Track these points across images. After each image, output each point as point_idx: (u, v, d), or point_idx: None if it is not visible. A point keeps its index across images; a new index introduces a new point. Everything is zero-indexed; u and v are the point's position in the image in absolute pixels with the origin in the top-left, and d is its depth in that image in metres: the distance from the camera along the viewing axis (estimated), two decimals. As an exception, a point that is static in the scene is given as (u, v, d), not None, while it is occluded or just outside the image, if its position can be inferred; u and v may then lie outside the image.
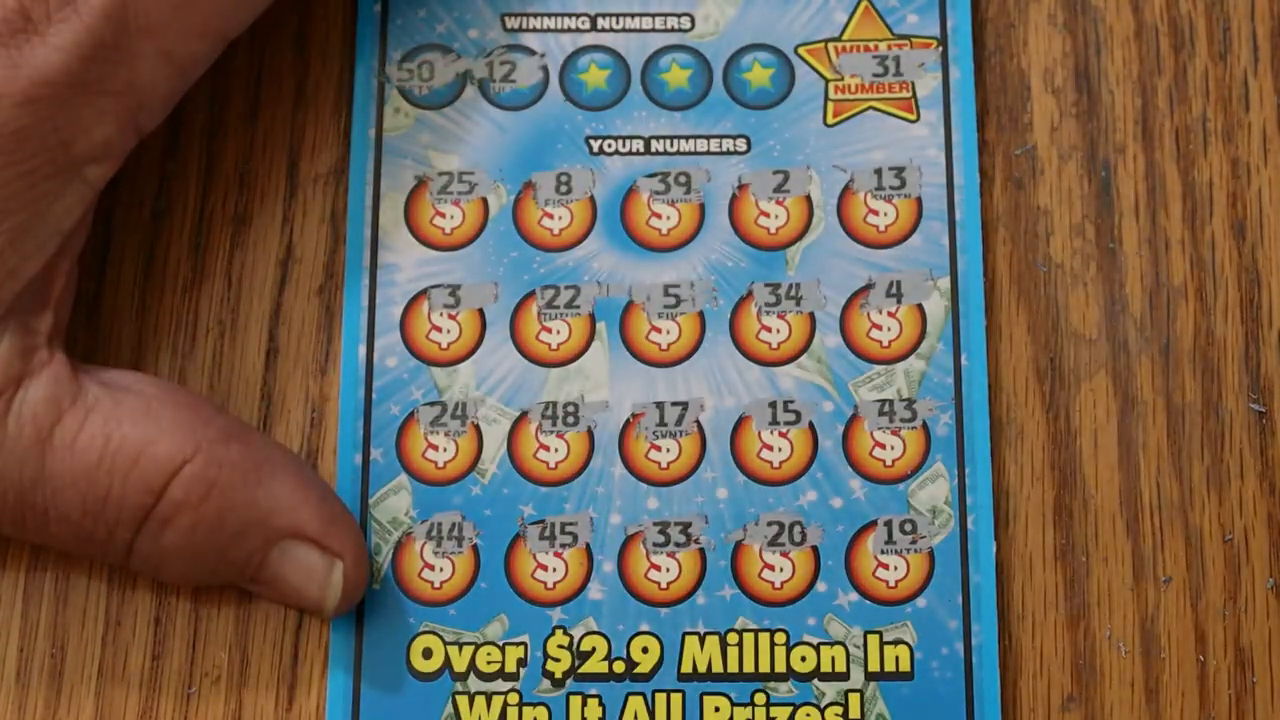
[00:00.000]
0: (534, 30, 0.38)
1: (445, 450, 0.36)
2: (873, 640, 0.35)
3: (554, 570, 0.35)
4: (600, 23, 0.38)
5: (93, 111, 0.32)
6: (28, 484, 0.32)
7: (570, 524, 0.35)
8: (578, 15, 0.38)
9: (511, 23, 0.38)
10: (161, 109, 0.34)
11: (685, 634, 0.35)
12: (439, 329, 0.36)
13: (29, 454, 0.32)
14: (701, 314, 0.37)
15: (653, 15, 0.38)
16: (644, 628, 0.35)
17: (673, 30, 0.38)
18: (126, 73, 0.32)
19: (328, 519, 0.34)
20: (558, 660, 0.35)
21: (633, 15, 0.38)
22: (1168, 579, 0.35)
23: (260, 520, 0.33)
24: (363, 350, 0.36)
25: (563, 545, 0.35)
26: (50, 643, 0.35)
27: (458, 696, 0.35)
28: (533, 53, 0.38)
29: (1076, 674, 0.35)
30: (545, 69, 0.38)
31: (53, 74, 0.31)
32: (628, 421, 0.36)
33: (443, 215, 0.37)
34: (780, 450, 0.36)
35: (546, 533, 0.35)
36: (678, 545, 0.35)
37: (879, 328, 0.36)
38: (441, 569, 0.35)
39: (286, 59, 0.38)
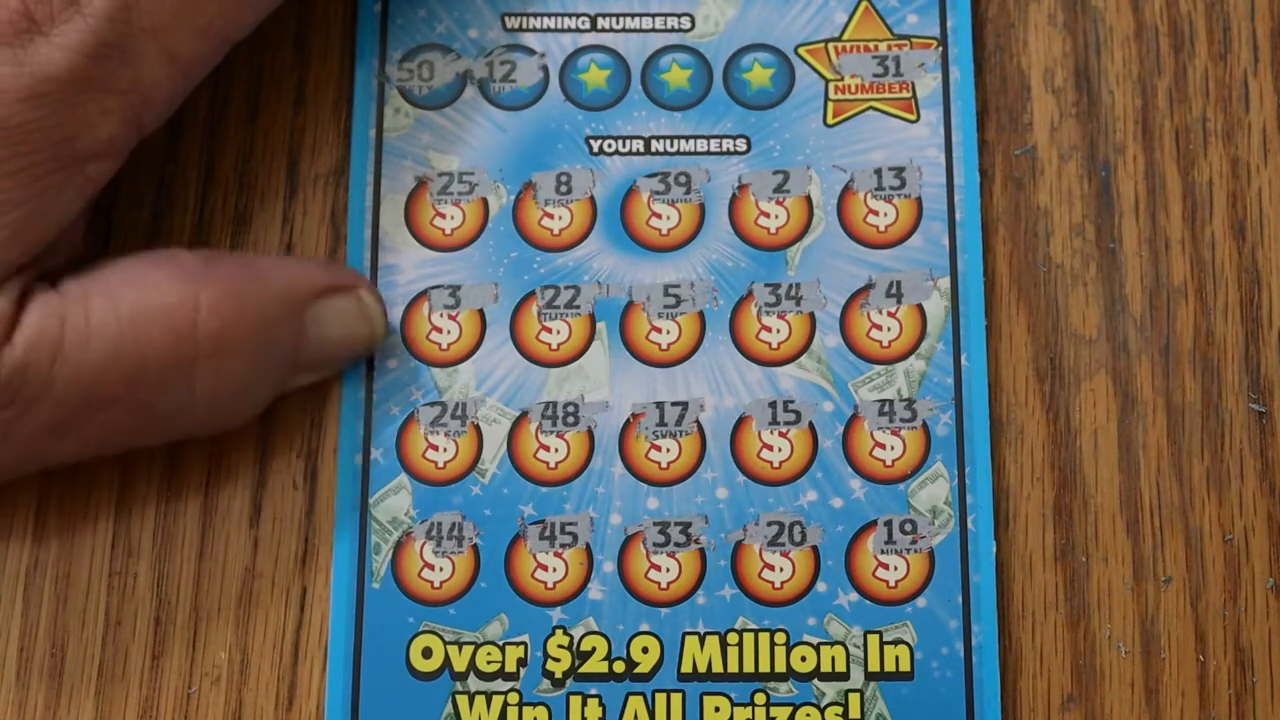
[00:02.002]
0: (534, 30, 0.38)
1: (445, 450, 0.36)
2: (873, 640, 0.35)
3: (554, 570, 0.35)
4: (600, 23, 0.38)
5: (96, 109, 0.32)
6: (63, 393, 0.32)
7: (570, 524, 0.35)
8: (578, 15, 0.38)
9: (511, 23, 0.38)
10: (164, 108, 0.34)
11: (685, 634, 0.35)
12: (439, 329, 0.36)
13: (55, 366, 0.32)
14: (701, 314, 0.37)
15: (653, 15, 0.38)
16: (644, 628, 0.35)
17: (673, 30, 0.38)
18: (130, 72, 0.33)
19: (323, 265, 0.36)
20: (558, 660, 0.35)
21: (633, 15, 0.38)
22: (1168, 579, 0.35)
23: (285, 300, 0.34)
24: (363, 350, 0.36)
25: (563, 545, 0.35)
26: (50, 643, 0.35)
27: (457, 696, 0.35)
28: (533, 53, 0.38)
29: (1076, 674, 0.35)
30: (545, 69, 0.38)
31: (57, 72, 0.32)
32: (628, 421, 0.36)
33: (443, 216, 0.37)
34: (780, 450, 0.36)
35: (546, 533, 0.35)
36: (678, 545, 0.35)
37: (879, 328, 0.36)
38: (441, 569, 0.35)
39: (286, 59, 0.38)
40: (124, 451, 0.35)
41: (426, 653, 0.35)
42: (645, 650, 0.35)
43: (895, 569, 0.35)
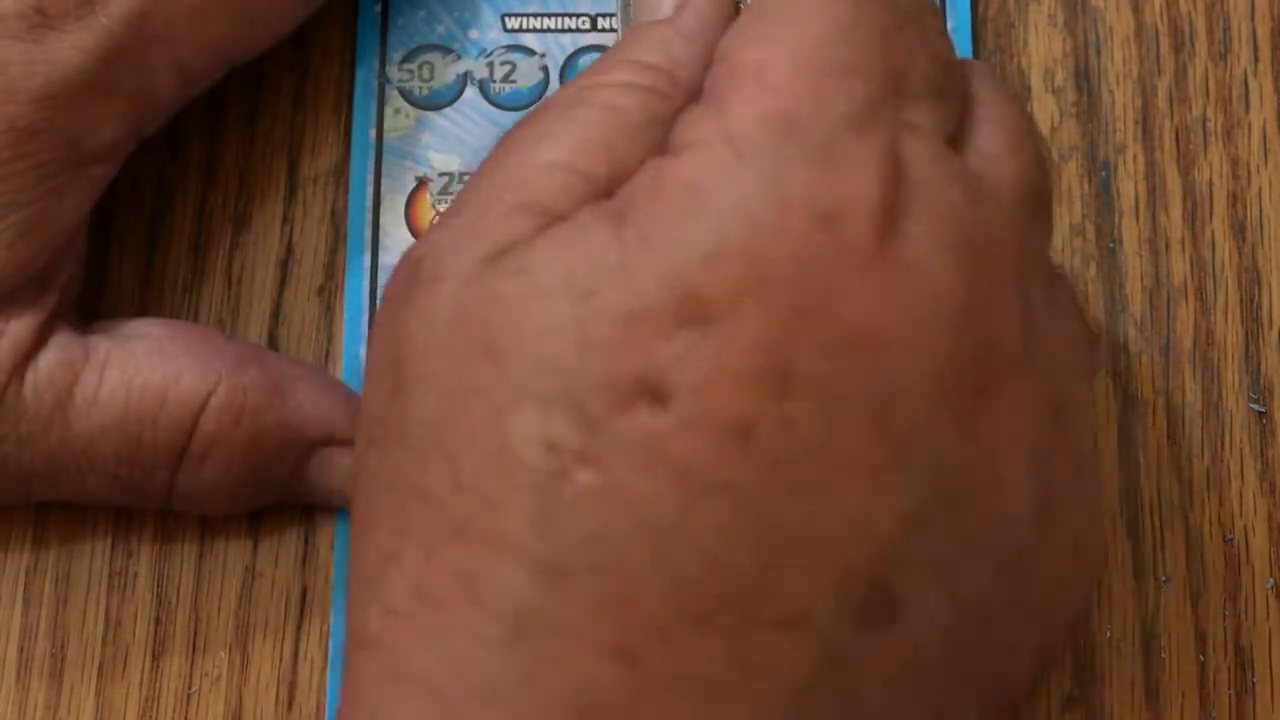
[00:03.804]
0: (534, 30, 0.38)
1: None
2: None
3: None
4: (600, 23, 0.38)
5: (103, 112, 0.32)
6: (56, 447, 0.32)
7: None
8: (578, 15, 0.38)
9: (511, 23, 0.38)
10: (164, 115, 0.34)
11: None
12: (439, 329, 0.36)
13: (53, 419, 0.32)
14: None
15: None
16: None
17: (673, 30, 0.38)
18: (138, 78, 0.33)
19: (355, 417, 0.33)
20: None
21: (633, 15, 0.38)
22: (1167, 579, 0.35)
23: (293, 435, 0.33)
24: (363, 351, 0.36)
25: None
26: (50, 643, 0.35)
27: (457, 696, 0.35)
28: (533, 53, 0.38)
29: (1076, 674, 0.35)
30: (545, 69, 0.38)
31: (69, 74, 0.32)
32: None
33: (443, 215, 0.37)
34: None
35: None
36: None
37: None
38: (441, 569, 0.35)
39: (286, 59, 0.38)
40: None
41: (426, 653, 0.35)
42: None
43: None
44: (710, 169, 0.25)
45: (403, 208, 0.37)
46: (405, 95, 0.38)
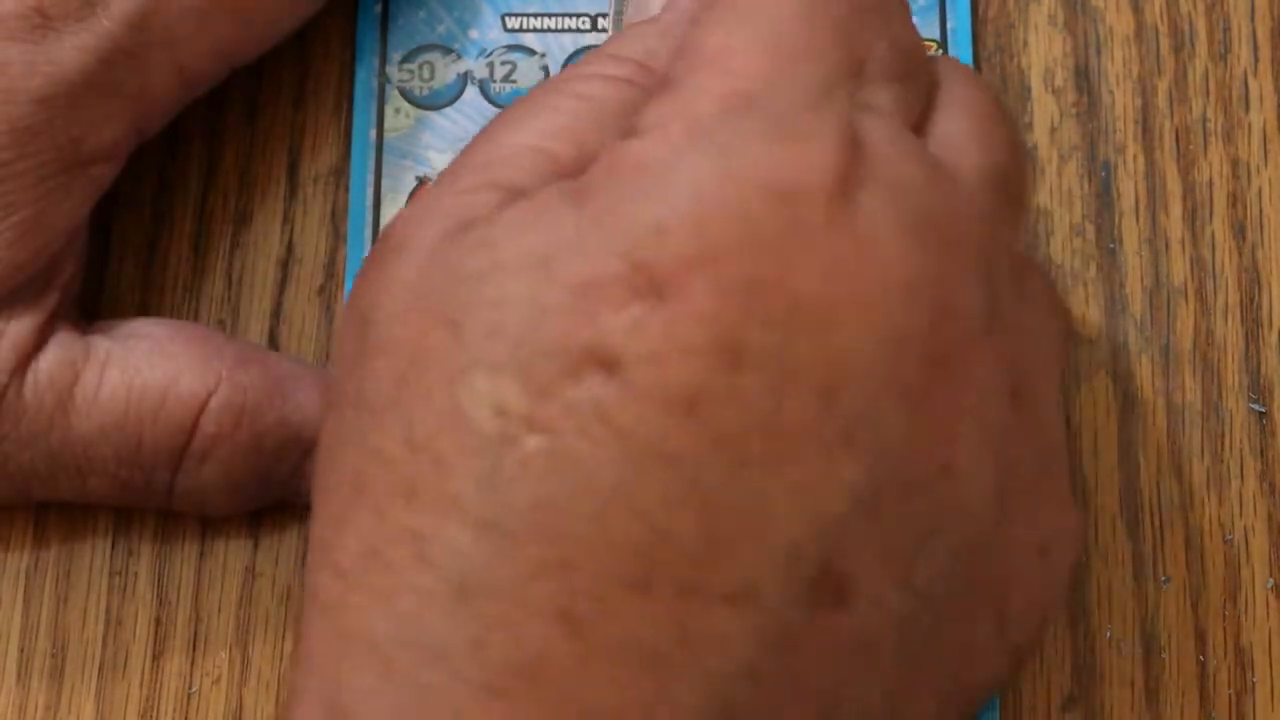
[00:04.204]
0: (534, 30, 0.38)
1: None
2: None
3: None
4: (600, 23, 0.38)
5: (103, 113, 0.32)
6: (57, 447, 0.32)
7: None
8: (578, 15, 0.38)
9: (512, 23, 0.38)
10: (163, 118, 0.34)
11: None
12: (439, 329, 0.36)
13: (54, 419, 0.32)
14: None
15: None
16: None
17: (673, 30, 0.38)
18: (139, 79, 0.33)
19: None
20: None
21: (633, 15, 0.38)
22: (1167, 579, 0.35)
23: (294, 435, 0.33)
24: (363, 350, 0.36)
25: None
26: (50, 643, 0.35)
27: (458, 696, 0.35)
28: (533, 53, 0.38)
29: (1076, 674, 0.35)
30: (545, 69, 0.38)
31: (70, 74, 0.32)
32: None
33: (443, 215, 0.37)
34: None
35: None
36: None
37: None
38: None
39: (286, 59, 0.38)
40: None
41: (426, 653, 0.35)
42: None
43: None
44: (665, 148, 0.26)
45: (403, 207, 0.37)
46: (405, 95, 0.38)
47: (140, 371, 0.33)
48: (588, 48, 0.38)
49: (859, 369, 0.25)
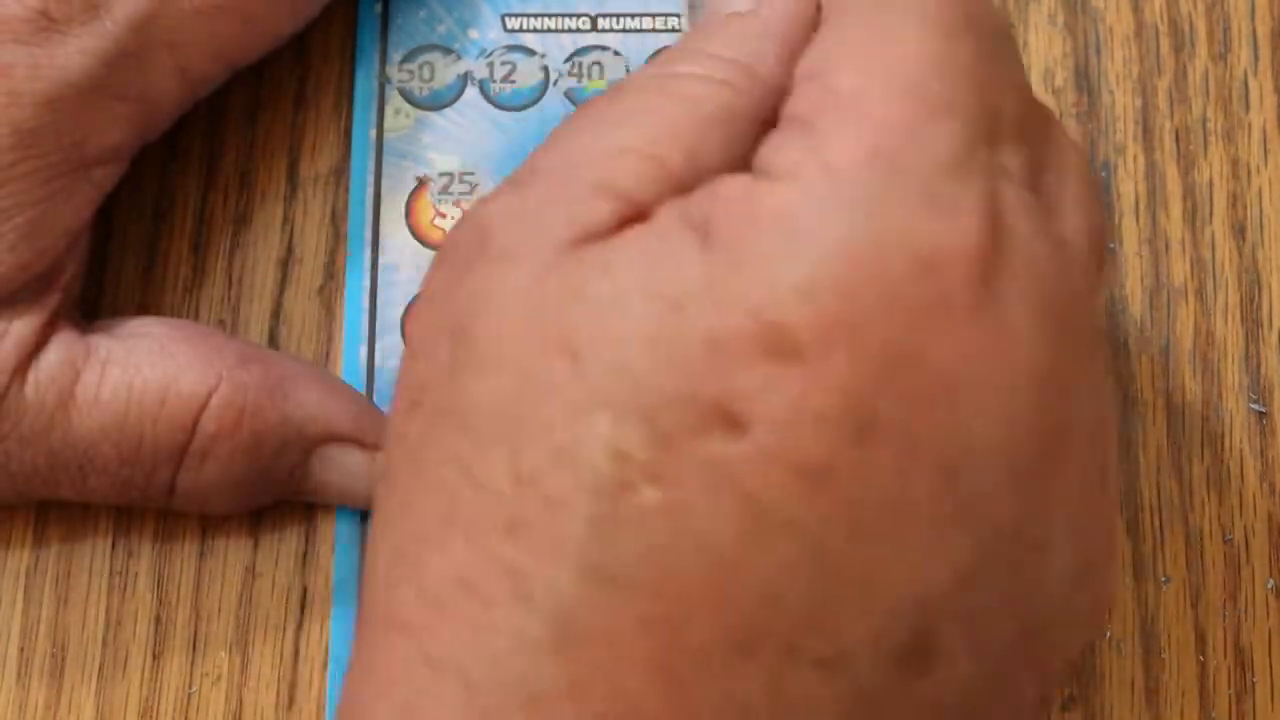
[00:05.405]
0: (534, 30, 0.38)
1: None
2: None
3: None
4: (600, 23, 0.38)
5: (107, 115, 0.33)
6: (58, 446, 0.32)
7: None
8: (578, 15, 0.38)
9: (512, 23, 0.38)
10: (166, 120, 0.34)
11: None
12: (439, 329, 0.36)
13: (55, 418, 0.32)
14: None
15: (653, 15, 0.38)
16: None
17: (673, 30, 0.38)
18: (143, 82, 0.33)
19: (356, 416, 0.34)
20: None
21: (633, 15, 0.38)
22: (1167, 579, 0.35)
23: (295, 434, 0.33)
24: (363, 351, 0.36)
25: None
26: (50, 643, 0.35)
27: (458, 696, 0.35)
28: (533, 53, 0.38)
29: (1076, 674, 0.35)
30: (545, 69, 0.38)
31: (75, 77, 0.32)
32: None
33: (443, 216, 0.37)
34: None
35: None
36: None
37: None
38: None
39: (286, 59, 0.38)
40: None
41: (426, 653, 0.35)
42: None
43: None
44: (807, 200, 0.25)
45: (403, 208, 0.37)
46: (405, 95, 0.38)
47: (141, 371, 0.33)
48: (588, 48, 0.38)
49: (980, 451, 0.25)
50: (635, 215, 0.26)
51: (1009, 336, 0.25)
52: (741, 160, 0.27)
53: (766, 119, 0.27)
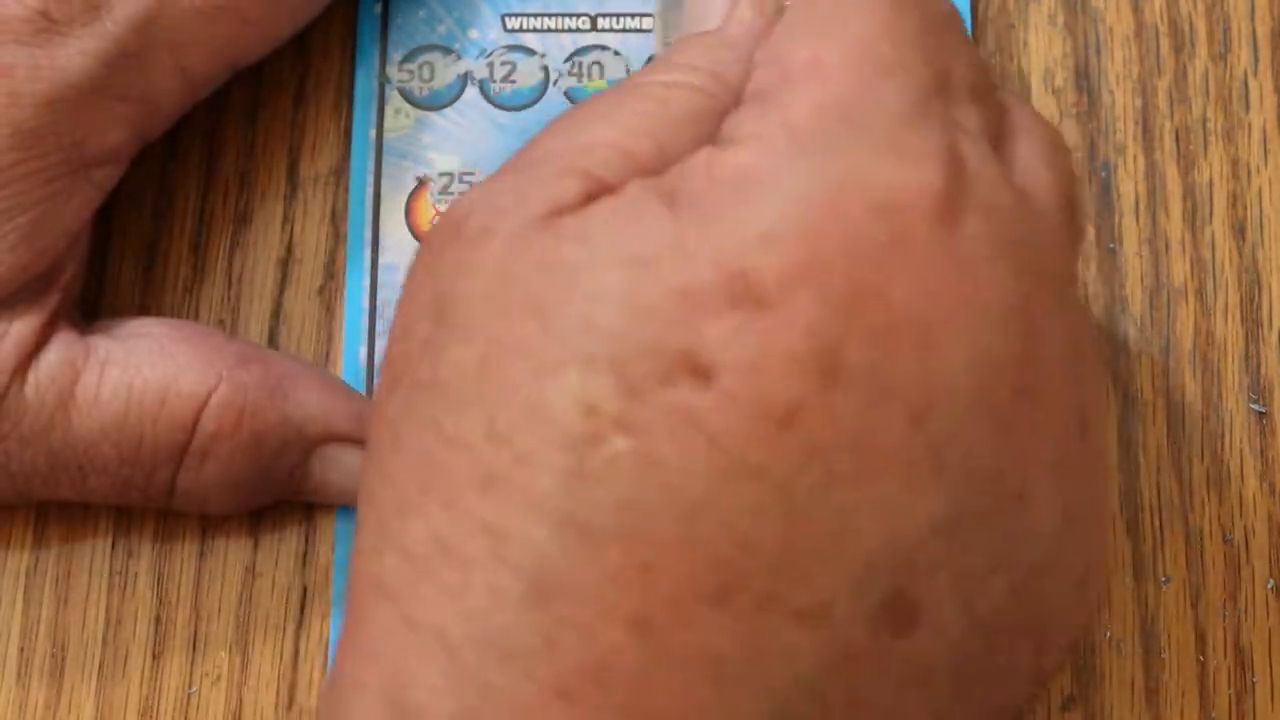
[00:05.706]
0: (534, 30, 0.38)
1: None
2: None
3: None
4: (600, 23, 0.38)
5: (107, 116, 0.33)
6: (58, 446, 0.32)
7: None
8: (578, 15, 0.38)
9: (512, 23, 0.38)
10: (166, 121, 0.34)
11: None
12: (439, 329, 0.36)
13: (55, 418, 0.32)
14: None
15: (653, 15, 0.38)
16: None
17: (673, 30, 0.38)
18: (143, 82, 0.33)
19: (356, 415, 0.34)
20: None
21: (633, 15, 0.38)
22: (1167, 579, 0.35)
23: (295, 433, 0.33)
24: (363, 351, 0.36)
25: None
26: (50, 643, 0.35)
27: (458, 696, 0.35)
28: (533, 53, 0.38)
29: (1076, 674, 0.35)
30: (545, 69, 0.38)
31: (75, 78, 0.32)
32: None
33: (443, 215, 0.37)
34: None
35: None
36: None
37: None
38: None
39: (286, 59, 0.38)
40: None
41: (426, 653, 0.35)
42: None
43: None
44: (768, 155, 0.25)
45: (403, 208, 0.37)
46: (405, 95, 0.38)
47: (141, 371, 0.33)
48: (588, 47, 0.38)
49: (951, 392, 0.25)
50: (604, 191, 0.27)
51: (973, 274, 0.25)
52: None
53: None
